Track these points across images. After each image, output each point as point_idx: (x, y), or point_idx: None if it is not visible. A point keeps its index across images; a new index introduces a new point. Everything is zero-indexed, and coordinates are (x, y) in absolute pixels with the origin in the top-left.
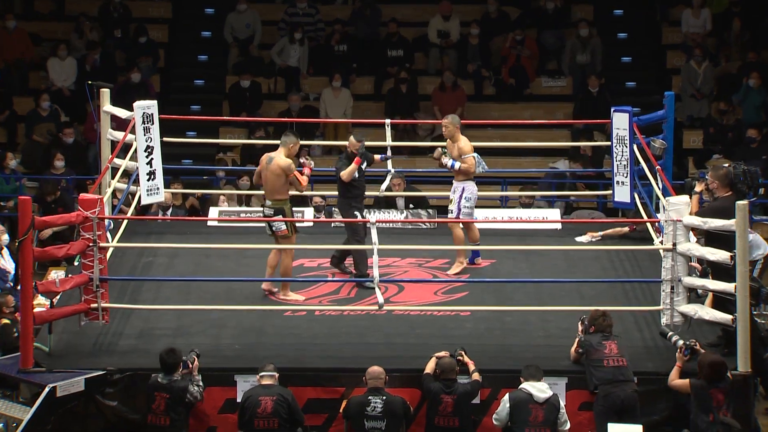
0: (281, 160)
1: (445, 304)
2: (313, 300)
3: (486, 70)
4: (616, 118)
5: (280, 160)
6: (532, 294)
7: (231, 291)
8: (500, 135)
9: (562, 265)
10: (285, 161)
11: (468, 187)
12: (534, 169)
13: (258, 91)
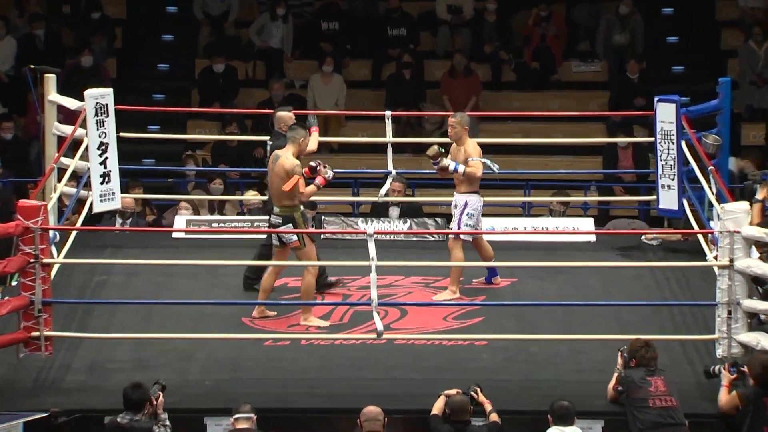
0: (287, 161)
1: (458, 331)
2: (299, 327)
3: (505, 52)
4: (660, 109)
5: (286, 161)
6: (561, 320)
7: (201, 316)
8: (522, 129)
9: (596, 285)
10: (290, 163)
11: (472, 201)
12: (562, 171)
13: (233, 78)
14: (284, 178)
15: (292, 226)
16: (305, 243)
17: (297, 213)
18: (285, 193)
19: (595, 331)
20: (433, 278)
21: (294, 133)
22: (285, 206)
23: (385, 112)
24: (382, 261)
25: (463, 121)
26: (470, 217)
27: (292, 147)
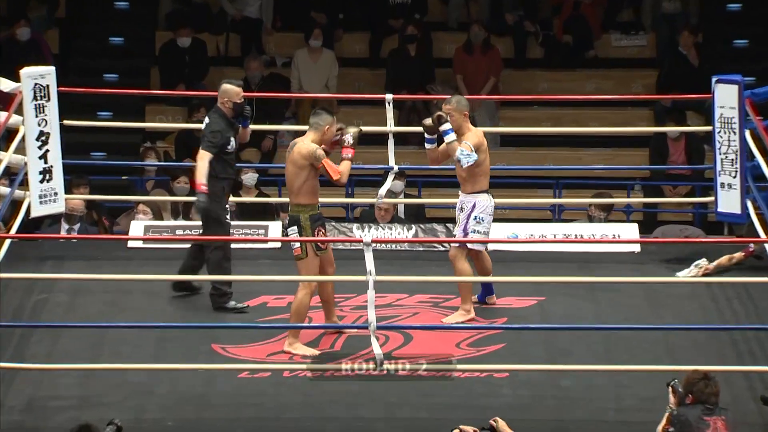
0: (303, 147)
1: (473, 360)
2: (281, 355)
3: (531, 22)
4: (720, 91)
5: (302, 146)
6: (599, 347)
7: (162, 342)
8: (551, 116)
9: (642, 304)
10: (307, 147)
11: (481, 202)
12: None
13: (202, 54)
14: (302, 167)
15: (296, 229)
16: (307, 253)
17: (305, 215)
18: (297, 186)
19: (641, 360)
20: (443, 296)
21: (318, 119)
22: (296, 204)
23: (386, 95)
24: (382, 275)
25: (460, 105)
26: (479, 222)
27: (313, 134)
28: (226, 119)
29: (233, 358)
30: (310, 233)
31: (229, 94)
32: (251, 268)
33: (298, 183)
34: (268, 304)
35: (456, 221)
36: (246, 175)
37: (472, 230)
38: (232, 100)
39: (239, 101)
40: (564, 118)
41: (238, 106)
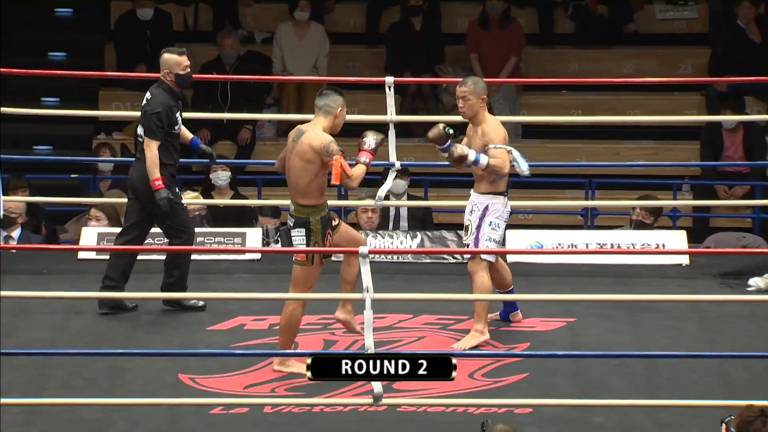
0: (315, 137)
1: (490, 393)
2: (261, 387)
3: None
4: None
5: (314, 137)
6: (640, 378)
7: (120, 372)
8: (583, 103)
9: (691, 327)
10: (320, 139)
11: (495, 206)
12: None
13: (166, 29)
14: (311, 162)
15: (304, 233)
16: (314, 260)
17: (316, 217)
18: (305, 184)
19: (689, 394)
20: (453, 317)
21: (327, 101)
22: (301, 205)
23: (386, 78)
24: (381, 293)
25: (477, 88)
26: (495, 228)
27: (323, 120)
28: (169, 93)
29: (204, 390)
30: (320, 239)
31: (168, 64)
32: (225, 283)
33: (305, 180)
34: (246, 326)
35: (465, 228)
36: (215, 172)
37: (487, 238)
38: (173, 71)
39: (182, 72)
40: (598, 105)
41: (182, 78)
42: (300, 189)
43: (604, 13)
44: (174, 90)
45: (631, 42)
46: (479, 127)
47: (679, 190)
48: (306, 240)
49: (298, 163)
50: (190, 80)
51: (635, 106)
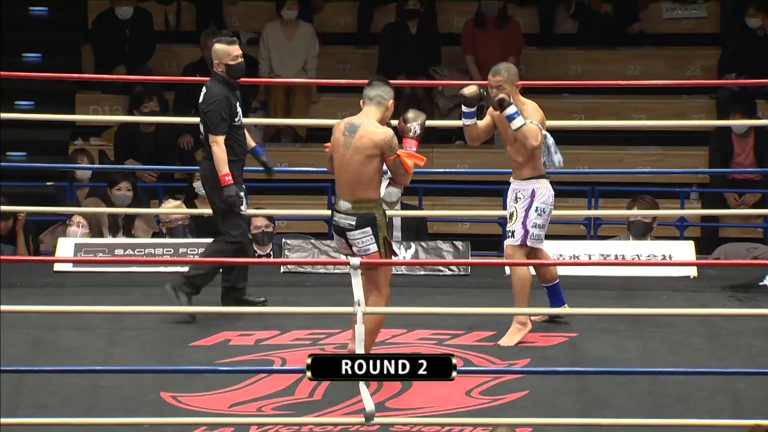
0: (376, 132)
1: (488, 412)
2: (247, 406)
3: None
4: None
5: (375, 131)
6: (646, 396)
7: (97, 390)
8: (586, 106)
9: (700, 343)
10: (383, 133)
11: (540, 189)
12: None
13: (147, 27)
14: (371, 157)
15: (370, 231)
16: (386, 255)
17: (380, 210)
18: (366, 180)
19: (697, 412)
20: (449, 332)
21: (380, 92)
22: (362, 201)
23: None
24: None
25: (510, 75)
26: (541, 214)
27: (376, 111)
28: (224, 84)
29: (187, 409)
30: (386, 232)
31: (218, 55)
32: (207, 296)
33: (368, 174)
34: (231, 341)
35: (509, 215)
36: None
37: (532, 224)
38: (224, 61)
39: (233, 62)
40: (602, 108)
41: (233, 69)
42: (362, 183)
43: (609, 12)
44: (229, 81)
45: (637, 42)
46: None
47: (687, 198)
48: (374, 238)
49: (359, 158)
50: (242, 71)
51: (640, 110)
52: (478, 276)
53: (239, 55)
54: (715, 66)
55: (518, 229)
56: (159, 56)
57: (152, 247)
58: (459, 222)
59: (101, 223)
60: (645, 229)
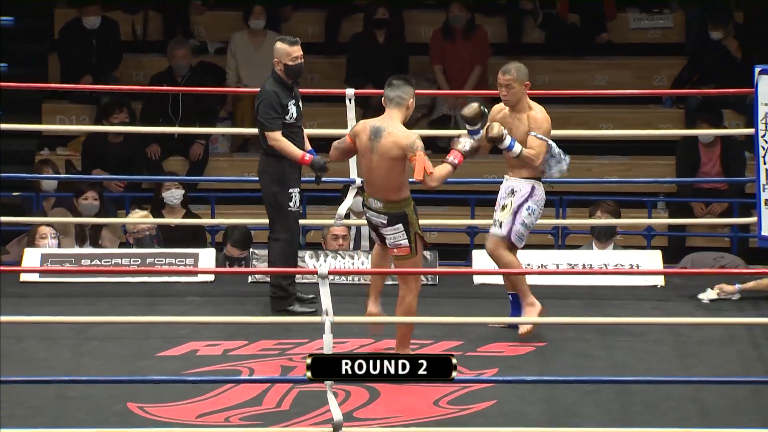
0: (401, 134)
1: (456, 422)
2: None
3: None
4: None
5: (399, 134)
6: (613, 405)
7: (64, 401)
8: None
9: (667, 352)
10: (407, 136)
11: (538, 190)
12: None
13: (114, 37)
14: (397, 158)
15: (402, 227)
16: (417, 249)
17: (410, 208)
18: (395, 180)
19: (664, 421)
20: (417, 341)
21: (400, 93)
22: (393, 201)
23: (346, 90)
24: (342, 316)
25: (521, 75)
26: (531, 213)
27: (398, 113)
28: (279, 83)
29: (154, 419)
30: (418, 228)
31: (279, 53)
32: (176, 307)
33: (395, 177)
34: (199, 351)
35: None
36: (168, 191)
37: (521, 222)
38: (283, 61)
39: (292, 63)
40: (570, 118)
41: (291, 69)
42: (392, 186)
43: (576, 22)
44: (284, 80)
45: (604, 52)
46: (523, 114)
47: (654, 207)
48: (406, 233)
49: (386, 163)
50: (300, 72)
51: (608, 120)
52: (446, 285)
53: (299, 56)
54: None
55: (507, 221)
56: (126, 66)
57: (119, 258)
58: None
59: (64, 233)
60: (609, 232)
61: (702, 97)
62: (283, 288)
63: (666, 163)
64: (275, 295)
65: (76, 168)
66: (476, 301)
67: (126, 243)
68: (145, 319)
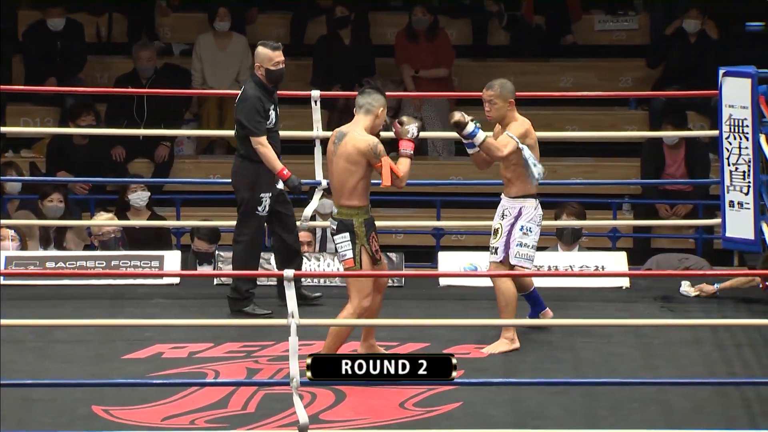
0: (359, 139)
1: (421, 424)
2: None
3: (494, 0)
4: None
5: (358, 139)
6: (578, 406)
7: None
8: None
9: (632, 354)
10: (365, 140)
11: (527, 209)
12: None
13: (78, 39)
14: (357, 163)
15: (348, 237)
16: (362, 263)
17: (359, 219)
18: (350, 186)
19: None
20: (382, 343)
21: (369, 100)
22: (346, 207)
23: (312, 92)
24: (308, 318)
25: (504, 91)
26: (527, 233)
27: (364, 119)
28: (260, 87)
29: (119, 423)
30: (365, 241)
31: (260, 58)
32: (142, 309)
33: (351, 182)
34: (164, 354)
35: (494, 231)
36: (134, 193)
37: (517, 243)
38: (264, 65)
39: (273, 68)
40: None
41: (273, 74)
42: (345, 191)
43: (541, 23)
44: (265, 85)
45: (569, 54)
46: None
47: (619, 209)
48: (352, 244)
49: (343, 165)
50: (281, 77)
51: (573, 122)
52: (413, 287)
53: (281, 61)
54: (646, 78)
55: (501, 246)
56: (91, 68)
57: (84, 260)
58: (393, 233)
59: (29, 235)
60: (575, 236)
61: (666, 99)
62: (239, 290)
63: (631, 165)
64: (232, 296)
65: (41, 170)
66: (442, 302)
67: (91, 245)
68: (110, 321)
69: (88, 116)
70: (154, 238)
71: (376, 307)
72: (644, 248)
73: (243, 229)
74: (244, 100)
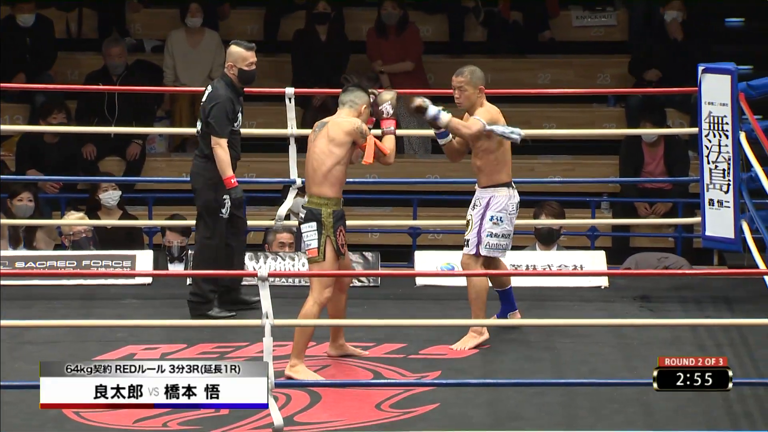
0: (345, 121)
1: (398, 426)
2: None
3: None
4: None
5: (344, 121)
6: (557, 407)
7: None
8: None
9: (611, 354)
10: (350, 122)
11: (496, 198)
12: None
13: (48, 35)
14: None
15: (314, 226)
16: (326, 255)
17: (328, 210)
18: (322, 173)
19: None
20: (358, 344)
21: (353, 96)
22: (316, 196)
23: (286, 89)
24: (282, 318)
25: (474, 78)
26: (496, 223)
27: (348, 112)
28: (231, 88)
29: (91, 425)
30: (332, 233)
31: (233, 57)
32: (113, 309)
33: (327, 165)
34: (136, 355)
35: (466, 222)
36: (105, 192)
37: (487, 233)
38: (237, 65)
39: (246, 68)
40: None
41: (245, 74)
42: (318, 177)
43: (519, 19)
44: (236, 85)
45: (547, 50)
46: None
47: (598, 208)
48: (317, 234)
49: (324, 147)
50: (253, 78)
51: (551, 119)
52: (389, 287)
53: (254, 62)
54: (625, 74)
55: (472, 238)
56: (61, 64)
57: (54, 260)
58: (368, 232)
59: (1, 235)
60: (553, 235)
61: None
62: (202, 292)
63: (609, 163)
64: (193, 300)
65: (10, 168)
66: (419, 302)
67: (61, 245)
68: (82, 322)
69: (59, 114)
70: (125, 238)
71: (342, 308)
72: (623, 247)
73: (204, 231)
74: (215, 101)
